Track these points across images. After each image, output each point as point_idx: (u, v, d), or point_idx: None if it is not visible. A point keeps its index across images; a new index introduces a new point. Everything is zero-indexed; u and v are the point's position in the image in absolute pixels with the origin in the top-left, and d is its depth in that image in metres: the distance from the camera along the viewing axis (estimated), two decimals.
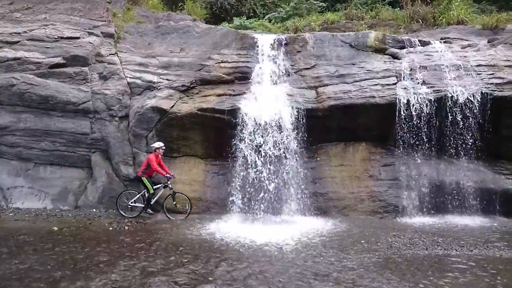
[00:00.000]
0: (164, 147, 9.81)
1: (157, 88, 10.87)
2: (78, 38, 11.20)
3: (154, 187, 9.60)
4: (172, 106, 10.38)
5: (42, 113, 10.61)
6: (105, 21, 12.16)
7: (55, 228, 7.61)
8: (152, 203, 9.65)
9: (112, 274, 4.89)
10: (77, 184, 10.81)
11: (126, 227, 8.07)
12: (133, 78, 11.08)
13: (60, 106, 10.52)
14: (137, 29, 12.81)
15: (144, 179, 9.54)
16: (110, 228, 7.94)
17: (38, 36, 11.05)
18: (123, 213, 9.57)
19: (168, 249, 6.25)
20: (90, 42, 11.15)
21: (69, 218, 9.11)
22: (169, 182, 9.71)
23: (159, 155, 9.77)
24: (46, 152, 10.75)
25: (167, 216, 9.54)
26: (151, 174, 9.67)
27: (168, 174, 9.62)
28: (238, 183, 9.54)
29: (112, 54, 11.50)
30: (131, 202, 9.68)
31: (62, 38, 11.13)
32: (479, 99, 9.79)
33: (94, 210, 10.19)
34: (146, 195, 9.60)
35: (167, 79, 11.05)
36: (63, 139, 10.72)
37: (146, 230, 7.87)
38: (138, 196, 9.74)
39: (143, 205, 9.63)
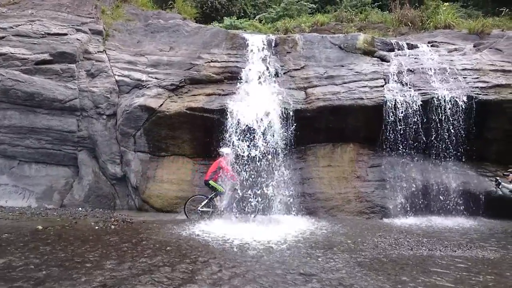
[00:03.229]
0: (232, 152, 9.66)
1: (145, 87, 10.79)
2: (66, 34, 11.05)
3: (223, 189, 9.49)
4: (161, 105, 10.32)
5: (27, 110, 10.45)
6: (94, 18, 12.03)
7: (40, 227, 7.48)
8: (222, 205, 9.50)
9: (98, 273, 4.83)
10: (62, 183, 10.67)
11: (113, 226, 7.98)
12: (121, 76, 10.99)
13: (46, 103, 10.38)
14: (126, 27, 12.70)
15: (211, 182, 9.37)
16: (96, 227, 7.84)
17: (24, 32, 10.86)
18: (189, 218, 9.40)
19: (155, 248, 6.21)
20: (77, 39, 11.02)
21: (54, 217, 8.97)
22: (236, 186, 9.52)
23: (226, 160, 9.57)
24: (31, 150, 10.59)
25: (235, 217, 9.28)
26: (217, 178, 9.52)
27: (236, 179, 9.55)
28: (226, 183, 9.53)
29: (100, 52, 11.38)
30: (200, 208, 9.46)
31: (49, 34, 10.97)
32: (464, 103, 9.98)
33: (80, 209, 10.07)
34: (215, 198, 9.41)
35: (156, 78, 10.98)
36: (49, 137, 10.58)
37: (133, 230, 7.80)
38: (206, 201, 9.54)
39: (212, 210, 9.42)
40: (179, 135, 10.53)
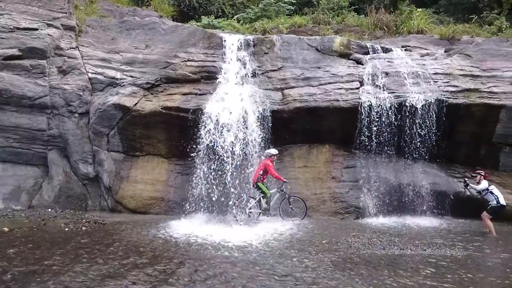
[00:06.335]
0: (278, 154, 9.67)
1: (120, 85, 10.57)
2: (36, 29, 10.66)
3: (270, 191, 9.44)
4: (136, 104, 10.14)
5: None
6: (66, 13, 11.65)
7: (6, 229, 7.18)
8: (269, 207, 9.45)
9: (66, 277, 4.67)
10: (31, 183, 10.31)
11: (84, 228, 7.76)
12: (94, 73, 10.73)
13: (15, 100, 10.01)
14: (100, 23, 12.39)
15: (260, 184, 9.34)
16: (66, 229, 7.60)
17: None
18: (237, 218, 9.23)
19: (127, 250, 6.07)
20: (49, 34, 10.66)
21: (21, 218, 8.64)
22: (283, 187, 9.56)
23: (273, 161, 9.58)
24: None
25: (283, 219, 9.33)
26: (264, 179, 9.48)
27: (284, 180, 9.54)
28: (202, 183, 9.44)
29: (72, 48, 11.06)
30: (249, 209, 9.40)
31: (18, 28, 10.55)
32: (435, 106, 10.28)
33: (50, 210, 9.74)
34: (262, 200, 9.37)
35: (131, 76, 10.77)
36: (17, 135, 10.20)
37: (105, 231, 7.61)
38: (254, 202, 9.49)
39: (259, 211, 9.40)
40: (154, 134, 10.36)
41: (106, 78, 10.71)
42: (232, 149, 9.40)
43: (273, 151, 9.65)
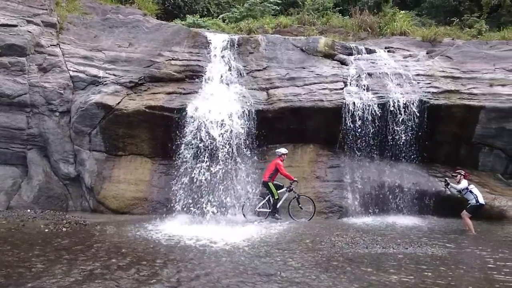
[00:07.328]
0: (287, 153, 9.88)
1: (102, 83, 10.39)
2: (15, 26, 10.38)
3: (279, 191, 9.47)
4: (119, 103, 9.99)
5: None
6: (47, 9, 11.39)
7: None
8: (278, 207, 9.49)
9: (47, 279, 4.57)
10: (10, 183, 10.03)
11: (64, 229, 7.60)
12: (76, 71, 10.51)
13: None
14: (82, 20, 12.14)
15: (270, 184, 9.40)
16: (46, 230, 7.44)
17: None
18: (246, 217, 9.39)
19: (109, 251, 5.98)
20: (28, 31, 10.40)
21: None
22: (293, 186, 9.57)
23: (283, 160, 9.65)
24: None
25: (292, 218, 9.41)
26: (274, 179, 9.57)
27: (294, 179, 9.56)
28: (186, 183, 9.36)
29: (53, 45, 10.81)
30: (258, 208, 9.50)
31: None
32: (417, 106, 10.45)
33: (29, 210, 9.49)
34: (271, 200, 9.42)
35: (113, 75, 10.60)
36: None
37: (86, 232, 7.48)
38: (263, 201, 9.57)
39: (269, 210, 9.47)
40: (138, 134, 10.23)
41: (88, 76, 10.51)
42: (216, 149, 9.35)
43: (283, 150, 9.81)
